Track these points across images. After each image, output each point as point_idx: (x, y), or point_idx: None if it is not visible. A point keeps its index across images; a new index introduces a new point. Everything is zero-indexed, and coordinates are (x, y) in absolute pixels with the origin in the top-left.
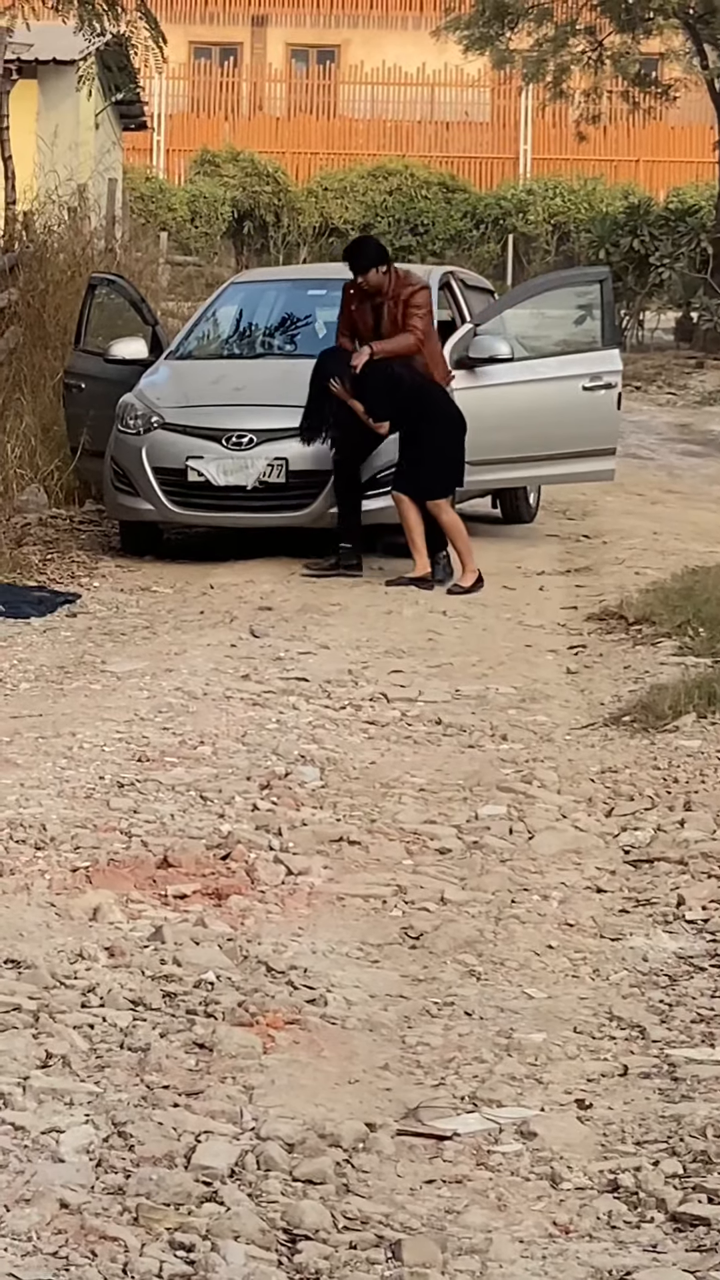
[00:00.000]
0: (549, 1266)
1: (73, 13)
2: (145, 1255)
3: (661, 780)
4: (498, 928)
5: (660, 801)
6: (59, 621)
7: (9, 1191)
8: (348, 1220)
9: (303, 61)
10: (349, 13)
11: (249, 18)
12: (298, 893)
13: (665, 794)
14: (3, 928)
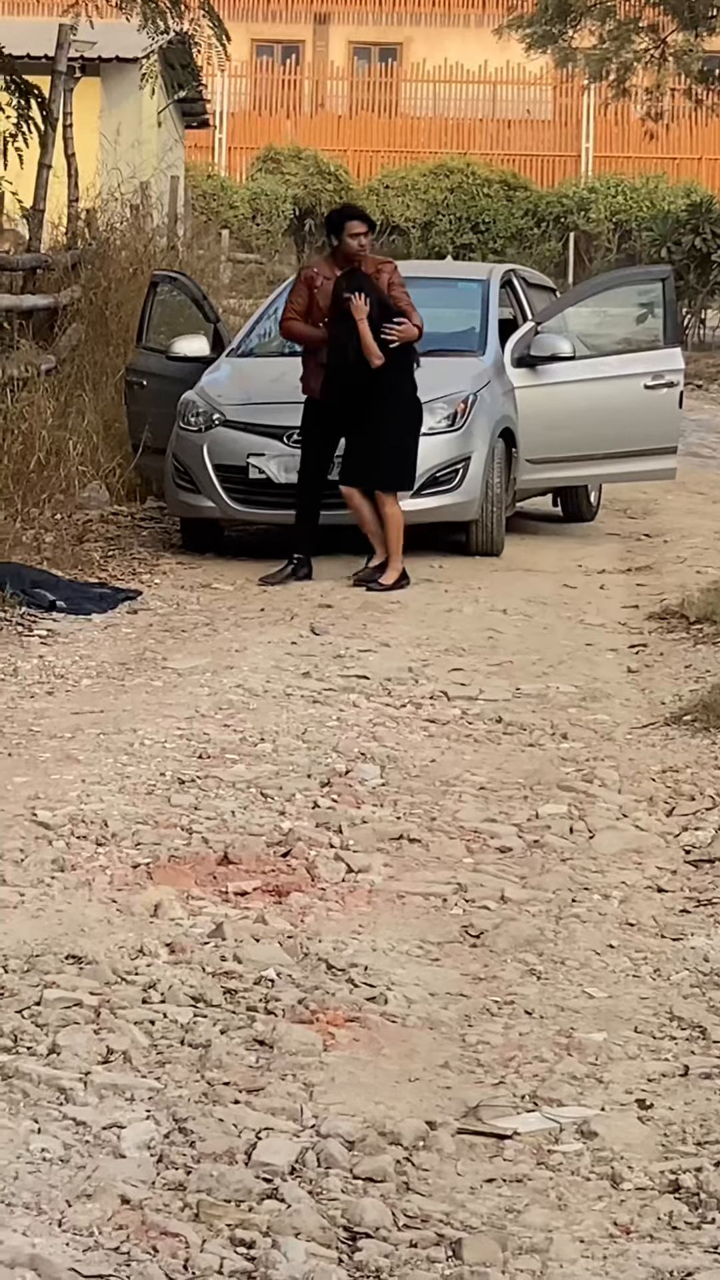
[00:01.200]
0: (609, 1267)
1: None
2: (206, 1251)
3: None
4: (558, 927)
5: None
6: (120, 618)
7: (70, 1186)
8: (408, 1218)
9: (365, 59)
10: (411, 10)
11: (311, 15)
12: (358, 890)
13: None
14: (64, 923)
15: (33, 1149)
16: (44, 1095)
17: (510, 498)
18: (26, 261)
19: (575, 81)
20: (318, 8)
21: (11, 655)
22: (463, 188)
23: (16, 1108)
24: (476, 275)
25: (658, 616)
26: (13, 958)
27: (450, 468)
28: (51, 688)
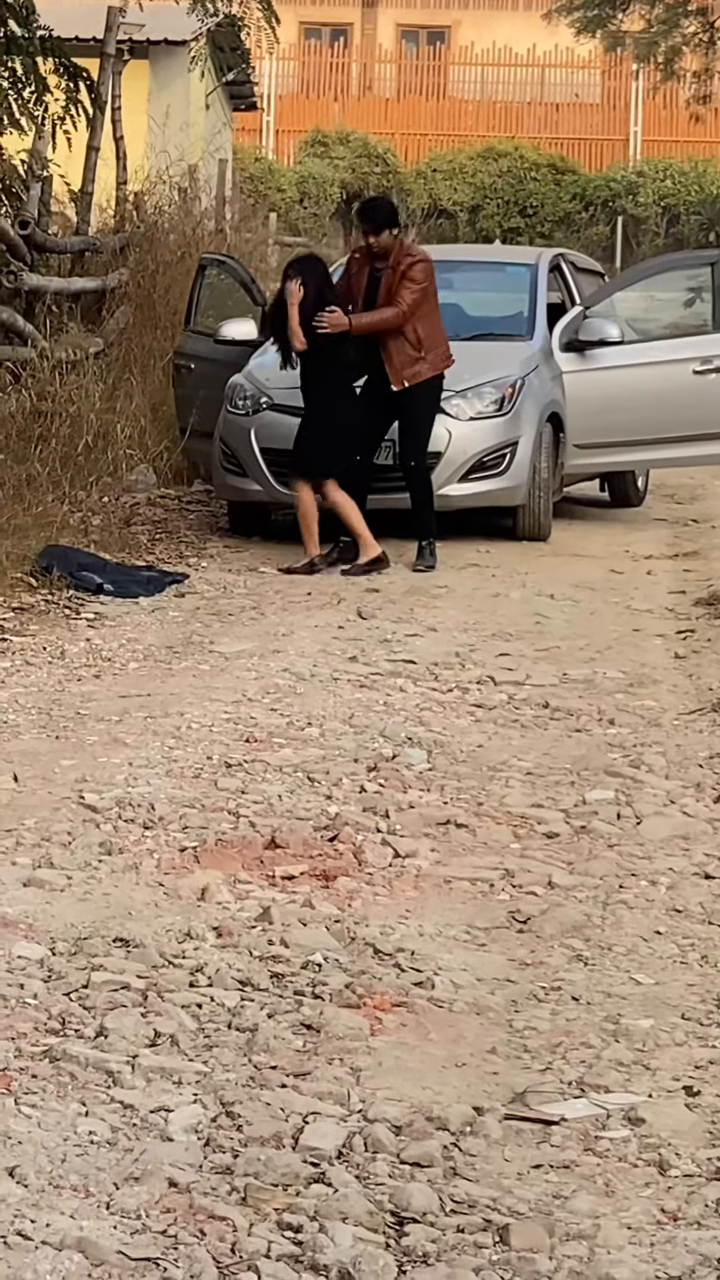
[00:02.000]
0: (657, 1254)
1: None
2: (253, 1235)
3: None
4: (605, 913)
5: None
6: (167, 601)
7: (118, 1169)
8: (455, 1204)
9: (413, 42)
10: None
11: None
12: (405, 875)
13: None
14: (112, 906)
15: (80, 1132)
16: (91, 1078)
17: (558, 483)
18: (75, 244)
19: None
20: None
21: (59, 638)
22: (511, 171)
23: (64, 1090)
24: (525, 259)
25: (705, 602)
26: (60, 940)
27: (498, 452)
28: (99, 671)
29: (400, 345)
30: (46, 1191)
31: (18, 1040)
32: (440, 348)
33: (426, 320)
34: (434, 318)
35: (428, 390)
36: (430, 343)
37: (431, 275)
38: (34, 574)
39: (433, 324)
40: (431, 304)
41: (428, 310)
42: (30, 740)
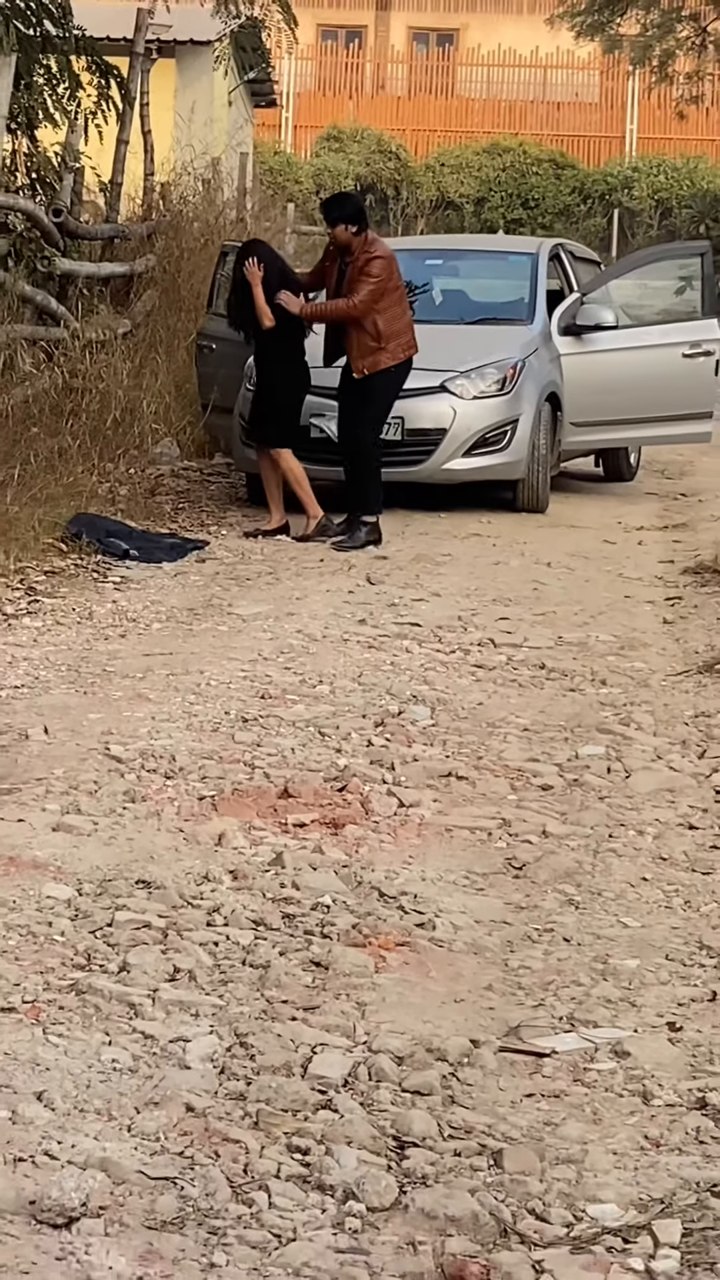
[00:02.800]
0: (640, 1177)
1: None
2: (265, 1157)
3: None
4: (595, 860)
5: None
6: (189, 566)
7: (139, 1095)
8: (453, 1130)
9: (423, 44)
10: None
11: (373, 1)
12: (409, 824)
13: None
14: (135, 851)
15: (104, 1060)
16: (115, 1010)
17: (555, 458)
18: (105, 231)
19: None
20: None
21: (87, 600)
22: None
23: (89, 1021)
24: (526, 249)
25: (692, 571)
26: (86, 882)
27: (499, 429)
28: (124, 631)
29: (361, 336)
30: (72, 1115)
31: (46, 974)
32: (402, 338)
33: (387, 313)
34: (396, 310)
35: (385, 378)
36: (390, 334)
37: (391, 271)
38: (64, 540)
39: (394, 316)
40: (393, 298)
41: (389, 304)
42: (60, 695)
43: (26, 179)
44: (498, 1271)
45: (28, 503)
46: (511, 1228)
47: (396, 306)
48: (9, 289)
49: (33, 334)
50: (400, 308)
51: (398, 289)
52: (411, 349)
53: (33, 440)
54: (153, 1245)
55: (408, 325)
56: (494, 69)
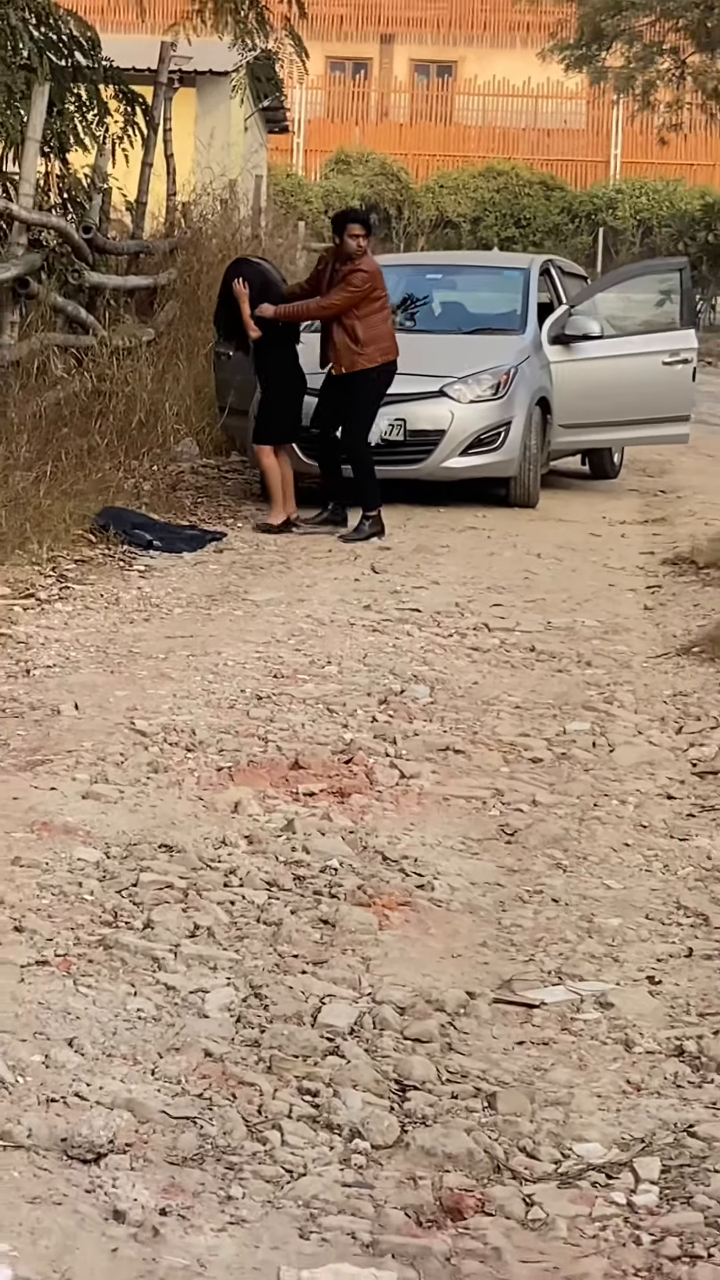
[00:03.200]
0: (622, 1118)
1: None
2: (277, 1099)
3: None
4: (581, 827)
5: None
6: (207, 556)
7: (162, 1041)
8: (450, 1074)
9: (424, 75)
10: (465, 32)
11: (378, 36)
12: (409, 793)
13: None
14: (158, 817)
15: (129, 1009)
16: (139, 963)
17: (545, 457)
18: (130, 247)
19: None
20: (384, 29)
21: (114, 587)
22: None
23: (116, 974)
24: (519, 264)
25: (671, 562)
26: (114, 846)
27: (494, 431)
28: (148, 615)
29: (342, 339)
30: (100, 1060)
31: (76, 930)
32: (381, 344)
33: (367, 320)
34: (376, 318)
35: (365, 379)
36: (369, 340)
37: (375, 283)
38: (93, 531)
39: (374, 324)
40: (374, 307)
41: (369, 312)
42: (89, 674)
43: (59, 198)
44: (492, 1204)
45: (59, 497)
46: (504, 1164)
47: (377, 315)
48: (42, 300)
49: (64, 341)
50: (381, 316)
51: (379, 299)
52: (390, 354)
53: (64, 439)
54: (174, 1179)
55: (388, 334)
56: (489, 98)
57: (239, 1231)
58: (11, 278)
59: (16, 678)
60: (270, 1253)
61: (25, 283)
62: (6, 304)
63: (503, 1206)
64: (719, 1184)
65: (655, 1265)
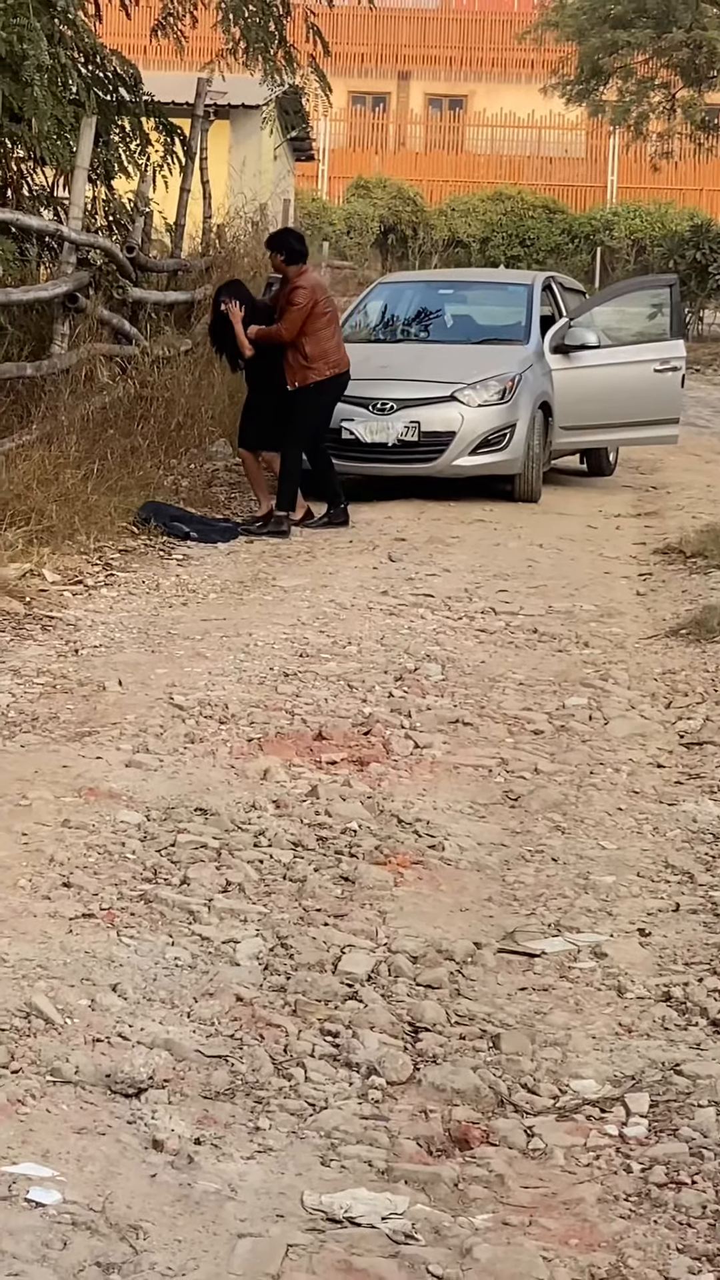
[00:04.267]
0: (615, 1058)
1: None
2: (301, 1039)
3: (711, 680)
4: (579, 793)
5: (710, 697)
6: (239, 546)
7: (197, 987)
8: (458, 1017)
9: (438, 108)
10: (475, 69)
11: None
12: (423, 762)
13: (713, 691)
14: (193, 784)
15: (167, 958)
16: (177, 916)
17: (547, 456)
18: (170, 265)
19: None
20: (401, 66)
21: (155, 574)
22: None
23: (155, 925)
24: (523, 280)
25: (661, 552)
26: (153, 809)
27: (500, 432)
28: (185, 600)
29: (294, 355)
30: (141, 1003)
31: (119, 886)
32: (329, 358)
33: (314, 336)
34: (324, 333)
35: (310, 392)
36: (317, 355)
37: (315, 299)
38: (136, 524)
39: (321, 339)
40: (321, 323)
41: (316, 328)
42: (132, 653)
43: (105, 221)
44: (496, 1135)
45: (105, 492)
46: (507, 1099)
47: (325, 330)
48: (90, 313)
49: (109, 351)
50: (328, 331)
51: (325, 314)
52: (339, 367)
53: (109, 440)
54: (208, 1112)
55: (336, 346)
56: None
57: (266, 1159)
58: (63, 293)
59: (66, 657)
60: (295, 1179)
61: (75, 298)
62: (58, 317)
63: (506, 1137)
64: (703, 1117)
65: (644, 1191)
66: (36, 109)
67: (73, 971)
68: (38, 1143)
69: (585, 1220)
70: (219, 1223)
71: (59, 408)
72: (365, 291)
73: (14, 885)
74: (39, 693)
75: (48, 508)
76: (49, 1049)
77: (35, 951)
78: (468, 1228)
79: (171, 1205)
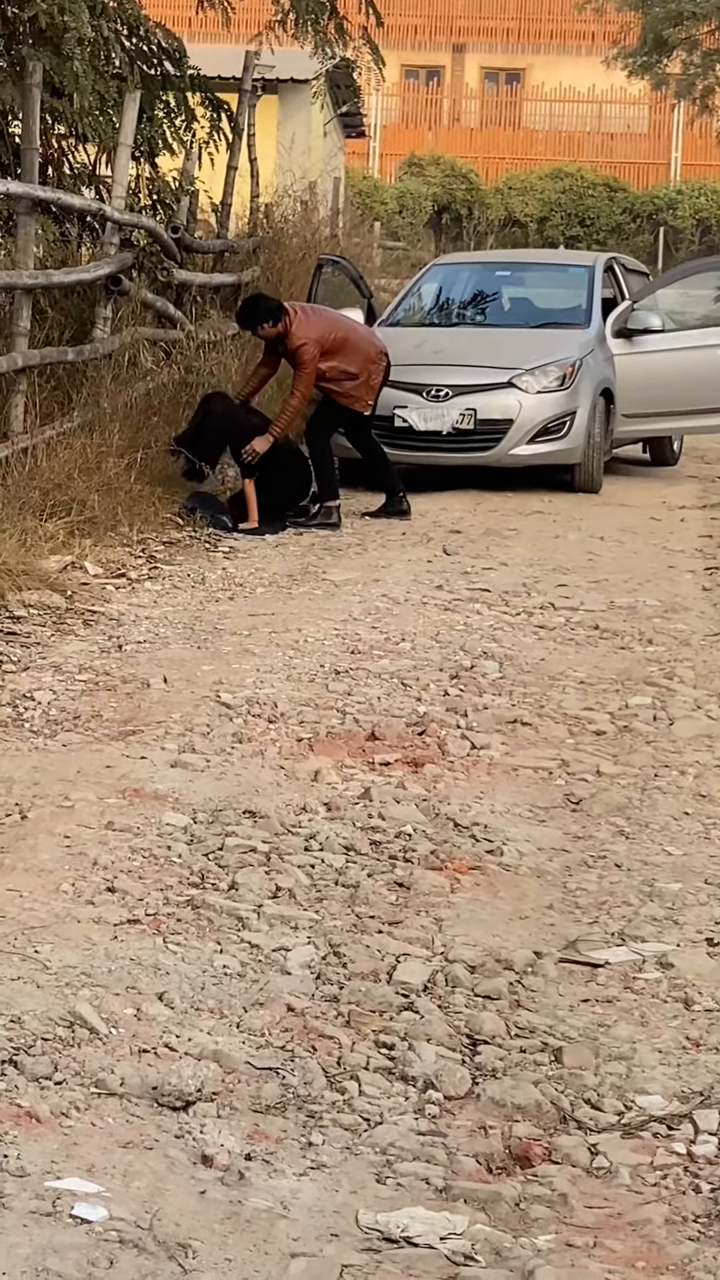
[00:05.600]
0: (682, 1073)
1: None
2: (355, 1051)
3: None
4: (643, 796)
5: None
6: (288, 539)
7: (246, 996)
8: (519, 1029)
9: (494, 82)
10: (533, 41)
11: (450, 45)
12: (480, 763)
13: None
14: (242, 785)
15: (216, 966)
16: (225, 923)
17: (608, 445)
18: (216, 246)
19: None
20: (456, 39)
21: (200, 568)
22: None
23: (203, 932)
24: (584, 262)
25: None
26: (200, 811)
27: (559, 420)
28: (233, 594)
29: (343, 385)
30: (189, 1013)
31: (165, 891)
32: (370, 365)
33: (340, 357)
34: (343, 353)
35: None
36: (357, 369)
37: (321, 341)
38: (181, 515)
39: (345, 359)
40: (335, 354)
41: (339, 351)
42: (177, 649)
43: (149, 200)
44: (558, 1152)
45: (149, 482)
46: (570, 1115)
47: (341, 351)
48: (133, 296)
49: (153, 335)
50: (347, 348)
51: (336, 339)
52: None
53: (154, 428)
54: (259, 1126)
55: (363, 351)
56: (555, 104)
57: (319, 1176)
58: (105, 275)
59: (109, 653)
60: (349, 1196)
61: (118, 280)
62: (100, 300)
63: (569, 1155)
64: None
65: (714, 1212)
66: (77, 84)
67: (118, 980)
68: (83, 1157)
69: (652, 1242)
70: (271, 1242)
71: (101, 394)
72: (419, 274)
73: (56, 890)
74: (81, 690)
75: (89, 498)
76: (94, 1060)
77: (79, 959)
78: (529, 1249)
79: (221, 1223)
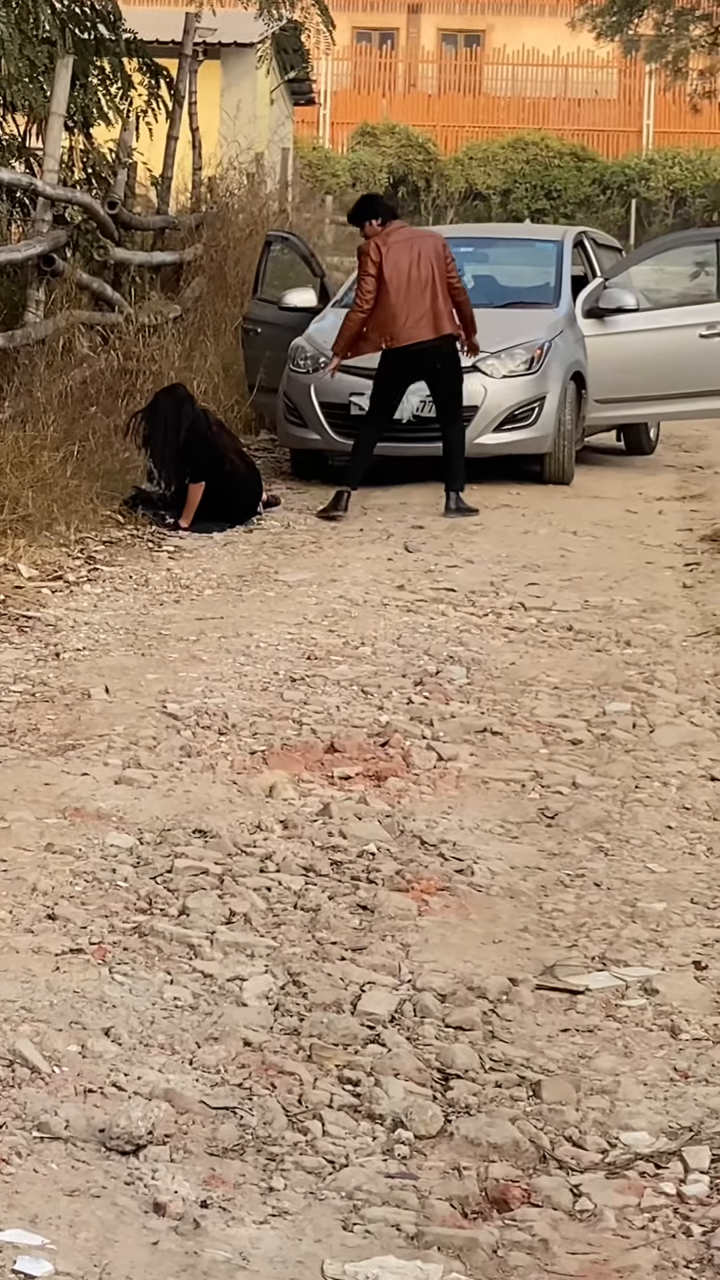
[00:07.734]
0: (670, 1107)
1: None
2: (318, 1088)
3: None
4: (623, 810)
5: None
6: (237, 536)
7: (200, 1030)
8: (494, 1062)
9: (452, 45)
10: (493, 1)
11: (405, 5)
12: (447, 776)
13: None
14: (191, 802)
15: (166, 997)
16: (175, 951)
17: (580, 433)
18: (156, 223)
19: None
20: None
21: (143, 568)
22: (537, 159)
23: (152, 962)
24: (552, 236)
25: (709, 539)
26: (147, 831)
27: (527, 406)
28: (178, 597)
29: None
30: (137, 1049)
31: (111, 917)
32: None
33: (380, 304)
34: (384, 301)
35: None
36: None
37: (373, 262)
38: (121, 512)
39: (382, 306)
40: (382, 289)
41: (381, 295)
42: (119, 657)
43: (83, 174)
44: (538, 1194)
45: (87, 477)
46: (550, 1154)
47: (385, 296)
48: (68, 277)
49: (89, 319)
50: (388, 298)
51: (387, 281)
52: (395, 340)
53: (91, 419)
54: (215, 1170)
55: (391, 317)
56: (518, 68)
57: (281, 1224)
58: (37, 255)
59: (46, 661)
60: (314, 1245)
61: (50, 260)
62: (32, 281)
63: (549, 1197)
64: None
65: (706, 1256)
66: (4, 49)
67: (60, 1014)
68: (25, 1206)
69: None
70: None
71: (34, 383)
72: None
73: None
74: (16, 702)
75: (23, 495)
76: (35, 1101)
77: (18, 992)
78: None
79: (176, 1276)
